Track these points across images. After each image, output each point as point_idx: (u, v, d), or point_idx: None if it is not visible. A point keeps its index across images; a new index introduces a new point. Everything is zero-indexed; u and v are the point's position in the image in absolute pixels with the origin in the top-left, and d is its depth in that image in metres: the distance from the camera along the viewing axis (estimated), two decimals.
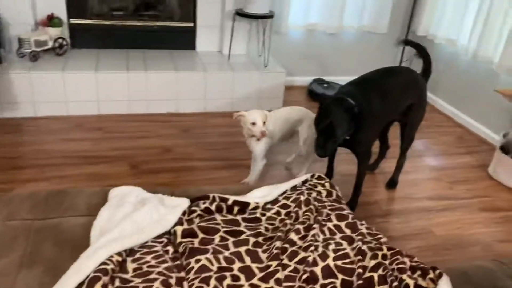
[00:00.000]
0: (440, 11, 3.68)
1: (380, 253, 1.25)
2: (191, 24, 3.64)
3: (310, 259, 1.24)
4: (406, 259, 1.24)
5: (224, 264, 1.26)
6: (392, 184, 2.64)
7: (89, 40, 3.49)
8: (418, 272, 1.20)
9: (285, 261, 1.26)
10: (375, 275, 1.18)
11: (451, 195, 2.64)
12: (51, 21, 3.23)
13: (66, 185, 2.39)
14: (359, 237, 1.37)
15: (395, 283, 1.15)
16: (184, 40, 3.68)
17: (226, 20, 3.56)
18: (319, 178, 1.69)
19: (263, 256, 1.30)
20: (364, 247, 1.30)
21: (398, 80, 2.32)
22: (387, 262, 1.23)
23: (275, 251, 1.28)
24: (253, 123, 2.21)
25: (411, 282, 1.14)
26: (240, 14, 3.41)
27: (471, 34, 3.32)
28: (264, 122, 2.22)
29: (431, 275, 1.18)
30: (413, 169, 2.86)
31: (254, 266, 1.26)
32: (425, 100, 2.45)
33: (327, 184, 1.65)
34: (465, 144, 3.30)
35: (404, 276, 1.16)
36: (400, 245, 2.20)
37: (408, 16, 4.09)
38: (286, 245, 1.30)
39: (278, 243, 1.30)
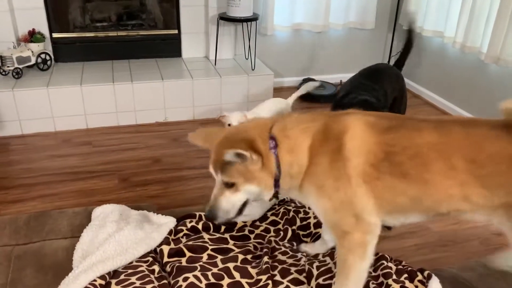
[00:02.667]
0: (426, 4, 3.65)
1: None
2: (176, 31, 3.61)
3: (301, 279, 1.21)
4: (391, 264, 1.20)
5: (213, 280, 1.23)
6: None
7: (73, 54, 3.45)
8: (405, 275, 1.16)
9: (277, 278, 1.22)
10: None
11: None
12: (33, 36, 3.19)
13: (55, 203, 2.35)
14: None
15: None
16: (169, 47, 3.64)
17: (211, 25, 3.53)
18: None
19: (253, 271, 1.26)
20: None
21: (387, 77, 2.32)
22: (371, 269, 1.19)
23: (264, 266, 1.24)
24: (229, 125, 2.36)
25: (396, 286, 1.11)
26: (224, 18, 3.37)
27: (458, 26, 3.29)
28: None
29: (420, 277, 1.14)
30: None
31: (244, 281, 1.23)
32: (406, 92, 2.50)
33: None
34: None
35: (390, 281, 1.13)
36: (397, 244, 2.17)
37: (394, 10, 4.06)
38: (276, 263, 1.26)
39: (266, 258, 1.27)
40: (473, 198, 1.00)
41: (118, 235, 1.33)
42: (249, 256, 1.32)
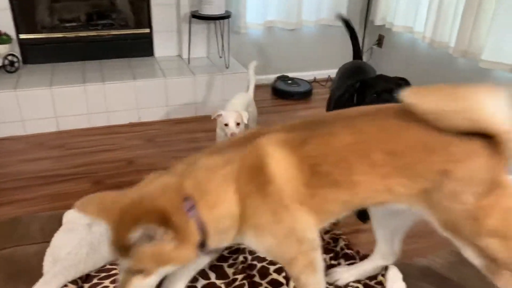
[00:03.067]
0: (396, 0, 3.70)
1: (336, 262, 1.23)
2: (147, 30, 3.56)
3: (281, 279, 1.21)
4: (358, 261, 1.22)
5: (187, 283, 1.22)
6: None
7: (41, 55, 3.37)
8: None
9: (257, 279, 1.22)
10: None
11: None
12: None
13: (28, 208, 2.29)
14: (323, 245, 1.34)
15: None
16: (141, 47, 3.60)
17: (183, 23, 3.50)
18: None
19: (229, 271, 1.26)
20: (327, 259, 1.27)
21: (369, 73, 2.36)
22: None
23: (241, 266, 1.24)
24: (226, 124, 2.32)
25: (359, 285, 1.13)
26: (196, 16, 3.35)
27: (427, 21, 3.36)
28: (238, 124, 2.32)
29: (382, 271, 1.17)
30: None
31: (219, 282, 1.22)
32: None
33: None
34: None
35: (352, 282, 1.15)
36: (371, 237, 2.20)
37: (365, 6, 4.11)
38: (254, 262, 1.26)
39: (242, 257, 1.26)
40: (395, 188, 1.01)
41: (90, 238, 1.31)
42: (225, 252, 1.32)
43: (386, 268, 1.19)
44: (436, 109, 0.98)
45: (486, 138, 1.01)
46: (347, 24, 2.67)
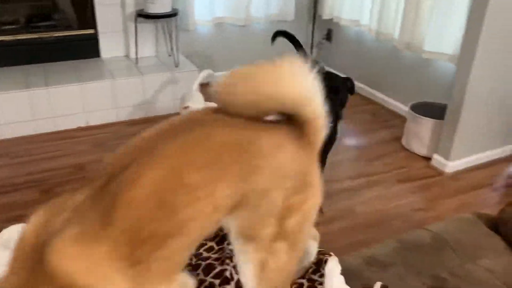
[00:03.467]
0: None
1: None
2: (92, 31, 3.45)
3: (227, 273, 1.21)
4: None
5: None
6: None
7: None
8: (312, 268, 1.20)
9: (201, 277, 1.21)
10: None
11: (370, 171, 2.73)
12: None
13: None
14: None
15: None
16: (86, 48, 3.48)
17: (129, 23, 3.41)
18: None
19: None
20: None
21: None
22: None
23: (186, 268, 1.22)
24: None
25: (303, 280, 1.15)
26: (142, 15, 3.28)
27: (372, 14, 3.44)
28: None
29: (323, 263, 1.19)
30: (332, 152, 2.91)
31: None
32: None
33: None
34: (379, 119, 3.43)
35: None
36: (325, 228, 2.24)
37: (313, 1, 4.16)
38: (200, 262, 1.25)
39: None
40: (222, 203, 0.87)
41: None
42: None
43: (326, 261, 1.21)
44: (242, 96, 0.89)
45: (295, 128, 0.93)
46: (286, 35, 2.68)
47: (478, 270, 1.28)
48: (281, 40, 4.21)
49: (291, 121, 0.94)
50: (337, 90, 1.95)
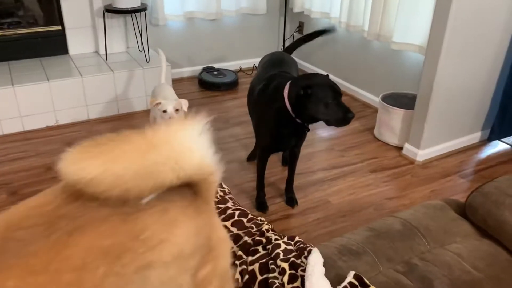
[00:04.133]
0: None
1: (260, 247, 1.25)
2: (59, 27, 3.36)
3: None
4: (282, 244, 1.24)
5: None
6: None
7: None
8: (293, 254, 1.21)
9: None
10: (256, 267, 1.17)
11: (343, 162, 2.76)
12: None
13: None
14: (245, 231, 1.35)
15: (277, 269, 1.15)
16: (53, 45, 3.39)
17: (97, 18, 3.34)
18: None
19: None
20: (250, 241, 1.28)
21: (290, 63, 2.36)
22: (267, 251, 1.23)
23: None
24: (165, 111, 2.34)
25: (285, 265, 1.16)
26: (110, 10, 3.21)
27: (341, 7, 3.46)
28: (177, 110, 2.36)
29: (306, 253, 1.20)
30: (306, 144, 2.93)
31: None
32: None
33: None
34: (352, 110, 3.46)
35: (278, 262, 1.17)
36: (301, 220, 2.26)
37: None
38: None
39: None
40: None
41: None
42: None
43: (309, 251, 1.22)
44: (119, 177, 0.68)
45: (182, 192, 0.78)
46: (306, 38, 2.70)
47: (447, 255, 1.31)
48: (254, 37, 4.21)
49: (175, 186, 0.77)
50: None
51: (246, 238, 1.31)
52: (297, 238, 1.31)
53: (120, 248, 0.69)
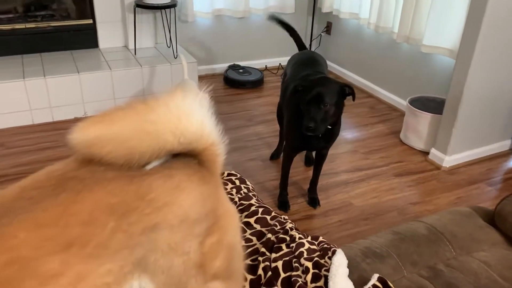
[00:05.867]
0: None
1: (283, 244, 1.25)
2: (90, 21, 3.43)
3: None
4: (306, 243, 1.24)
5: None
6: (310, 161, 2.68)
7: None
8: (317, 253, 1.20)
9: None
10: (280, 264, 1.17)
11: (367, 165, 2.73)
12: None
13: None
14: (269, 228, 1.35)
15: (300, 267, 1.15)
16: (84, 38, 3.46)
17: (128, 13, 3.39)
18: (229, 175, 1.65)
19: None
20: (273, 238, 1.28)
21: (321, 62, 2.34)
22: (290, 249, 1.23)
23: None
24: None
25: (309, 264, 1.15)
26: (141, 5, 3.25)
27: (371, 8, 3.42)
28: None
29: (330, 254, 1.19)
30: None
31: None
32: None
33: (237, 181, 1.62)
34: (377, 113, 3.43)
35: (302, 260, 1.17)
36: (323, 221, 2.25)
37: None
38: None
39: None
40: (100, 283, 0.70)
41: None
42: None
43: (333, 252, 1.21)
44: (113, 152, 0.72)
45: (190, 160, 0.81)
46: (281, 23, 2.65)
47: (473, 263, 1.29)
48: (281, 36, 4.20)
49: (182, 155, 0.81)
50: (318, 98, 1.91)
51: (269, 235, 1.31)
52: (321, 238, 1.31)
53: (127, 207, 0.72)
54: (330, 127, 2.02)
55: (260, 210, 1.46)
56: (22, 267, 0.63)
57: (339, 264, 1.16)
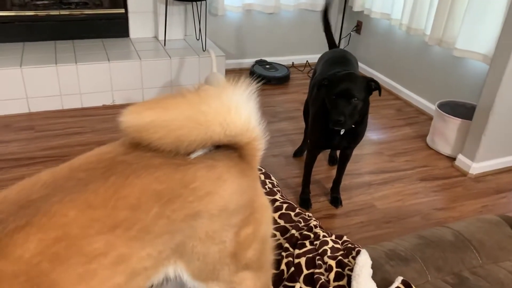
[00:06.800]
0: None
1: (307, 241, 1.25)
2: (122, 10, 3.48)
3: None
4: (330, 241, 1.24)
5: None
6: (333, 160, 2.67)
7: (11, 33, 3.26)
8: (341, 252, 1.20)
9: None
10: (303, 260, 1.17)
11: (391, 167, 2.70)
12: None
13: None
14: (292, 224, 1.35)
15: (323, 265, 1.15)
16: (116, 27, 3.51)
17: (159, 4, 3.42)
18: None
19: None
20: (297, 234, 1.28)
21: (352, 61, 2.32)
22: (314, 246, 1.23)
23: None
24: None
25: (332, 263, 1.15)
26: None
27: (404, 8, 3.37)
28: None
29: (353, 254, 1.19)
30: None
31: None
32: None
33: (261, 176, 1.62)
34: (404, 116, 3.38)
35: (326, 258, 1.16)
36: (344, 221, 2.24)
37: None
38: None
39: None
40: (140, 266, 0.73)
41: None
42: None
43: (357, 252, 1.20)
44: (163, 139, 0.74)
45: (231, 153, 0.83)
46: (325, 12, 2.59)
47: (500, 272, 1.26)
48: (310, 33, 4.18)
49: (224, 147, 0.83)
50: (348, 92, 1.89)
51: (293, 231, 1.31)
52: (345, 238, 1.30)
53: (172, 193, 0.74)
54: (354, 126, 2.00)
55: (284, 206, 1.46)
56: (69, 245, 0.65)
57: (363, 265, 1.16)
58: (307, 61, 4.22)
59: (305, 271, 1.16)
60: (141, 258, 0.72)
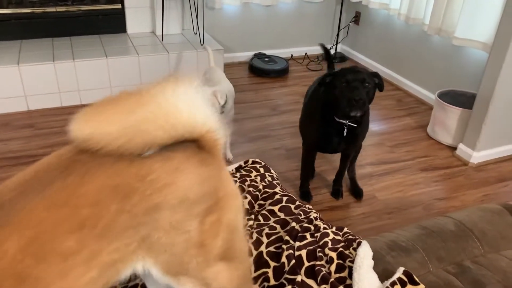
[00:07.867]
0: None
1: (307, 233, 1.24)
2: (119, 6, 3.46)
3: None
4: (331, 233, 1.23)
5: None
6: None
7: (8, 31, 3.24)
8: (342, 244, 1.20)
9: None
10: (304, 253, 1.17)
11: (392, 158, 2.69)
12: None
13: None
14: (293, 217, 1.35)
15: (324, 257, 1.15)
16: (113, 23, 3.49)
17: None
18: (254, 162, 1.65)
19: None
20: (297, 227, 1.28)
21: None
22: (315, 238, 1.22)
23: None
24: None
25: (333, 254, 1.15)
26: None
27: None
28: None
29: (354, 245, 1.18)
30: None
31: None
32: None
33: (261, 169, 1.62)
34: (405, 106, 3.37)
35: (327, 250, 1.16)
36: (345, 213, 2.23)
37: None
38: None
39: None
40: (108, 260, 0.76)
41: None
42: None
43: (358, 243, 1.20)
44: (117, 132, 0.74)
45: (187, 145, 0.82)
46: (326, 50, 2.47)
47: (502, 261, 1.26)
48: (308, 25, 4.16)
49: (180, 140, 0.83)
50: (363, 80, 1.88)
51: (293, 224, 1.31)
52: (345, 229, 1.30)
53: (128, 188, 0.75)
54: (355, 125, 1.98)
55: (285, 198, 1.45)
56: (44, 243, 0.69)
57: (364, 256, 1.15)
58: (306, 53, 4.20)
59: (306, 264, 1.16)
60: (110, 252, 0.75)
